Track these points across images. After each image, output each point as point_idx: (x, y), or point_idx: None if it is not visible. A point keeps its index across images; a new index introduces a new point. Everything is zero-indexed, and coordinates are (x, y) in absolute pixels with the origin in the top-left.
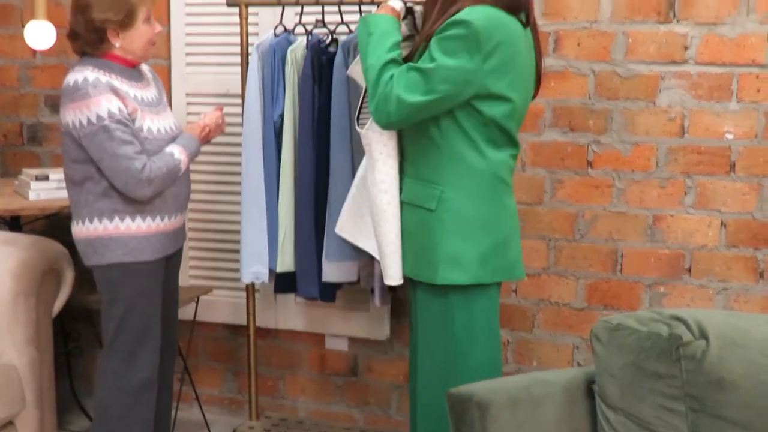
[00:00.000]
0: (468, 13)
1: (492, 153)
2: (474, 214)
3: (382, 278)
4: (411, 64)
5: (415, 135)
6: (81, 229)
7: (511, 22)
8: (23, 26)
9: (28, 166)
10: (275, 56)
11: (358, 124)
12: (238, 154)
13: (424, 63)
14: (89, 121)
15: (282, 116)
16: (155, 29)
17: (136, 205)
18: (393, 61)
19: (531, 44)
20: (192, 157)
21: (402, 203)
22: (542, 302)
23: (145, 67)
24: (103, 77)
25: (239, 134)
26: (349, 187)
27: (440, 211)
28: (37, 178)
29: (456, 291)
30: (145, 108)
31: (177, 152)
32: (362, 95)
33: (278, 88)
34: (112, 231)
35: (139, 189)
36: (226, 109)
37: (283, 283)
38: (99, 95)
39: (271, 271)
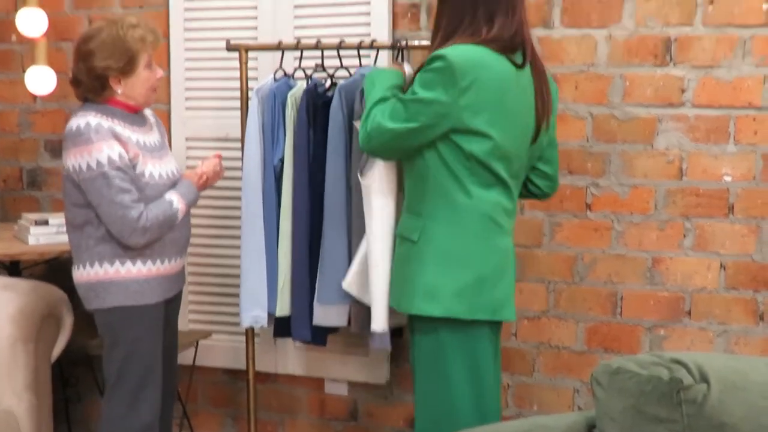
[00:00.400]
0: (449, 50)
1: (479, 192)
2: (454, 247)
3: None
4: (397, 95)
5: (407, 169)
6: (82, 274)
7: (496, 62)
8: (24, 71)
9: (28, 210)
10: (275, 100)
11: (361, 176)
12: (238, 198)
13: (406, 95)
14: (89, 166)
15: (282, 160)
16: (157, 75)
17: (136, 249)
18: (384, 99)
19: (529, 85)
20: (190, 205)
21: (396, 236)
22: (542, 345)
23: (147, 112)
24: (106, 122)
25: (239, 178)
26: (342, 231)
27: (421, 242)
28: (37, 223)
29: (446, 328)
30: (146, 153)
31: (176, 200)
32: None
33: (278, 133)
34: (113, 275)
35: (134, 237)
36: (225, 153)
37: (282, 327)
38: (101, 141)
39: (271, 315)
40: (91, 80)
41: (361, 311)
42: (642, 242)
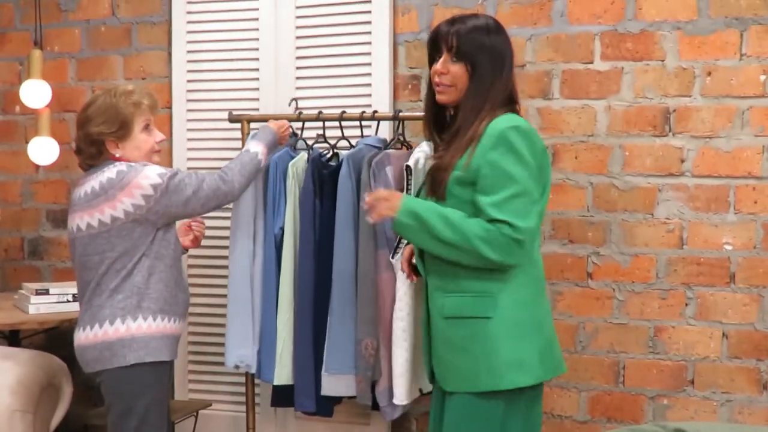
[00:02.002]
0: (511, 120)
1: (535, 255)
2: (527, 315)
3: (389, 395)
4: (494, 198)
5: None
6: (95, 333)
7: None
8: (27, 142)
9: (29, 280)
10: (277, 170)
11: (392, 257)
12: None
13: (505, 189)
14: (154, 186)
15: (282, 229)
16: (156, 138)
17: (158, 304)
18: (465, 218)
19: None
20: (270, 146)
21: (445, 319)
22: (544, 415)
23: None
24: (134, 163)
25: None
26: (351, 301)
27: (498, 317)
28: (38, 292)
29: (518, 396)
30: None
31: (252, 145)
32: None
33: (279, 202)
34: (135, 331)
35: (228, 186)
36: (227, 223)
37: (281, 396)
38: (144, 168)
39: (268, 383)
40: (88, 146)
41: (365, 382)
42: (644, 311)
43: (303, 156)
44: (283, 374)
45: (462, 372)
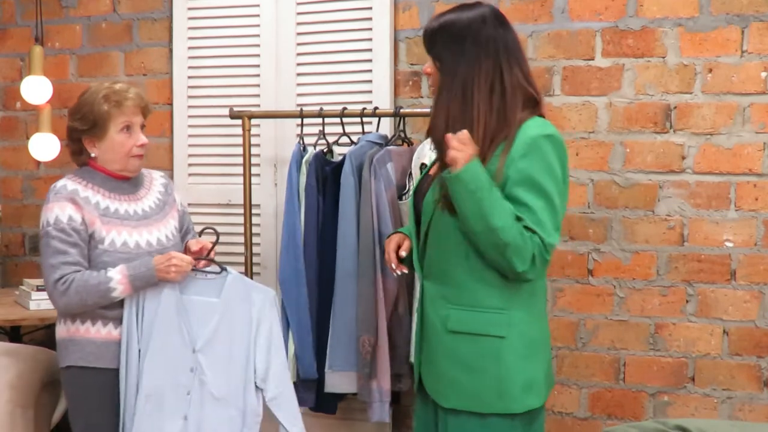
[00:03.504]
0: (543, 126)
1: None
2: (537, 333)
3: (379, 393)
4: (530, 206)
5: (468, 262)
6: (56, 330)
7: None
8: (28, 138)
9: (30, 276)
10: (294, 167)
11: (401, 199)
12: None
13: (537, 201)
14: (41, 225)
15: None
16: (137, 141)
17: (100, 310)
18: (517, 219)
19: None
20: (137, 285)
21: (451, 333)
22: (545, 412)
23: (155, 176)
24: (72, 185)
25: (240, 243)
26: (353, 299)
27: (511, 336)
28: (38, 289)
29: (521, 417)
30: (114, 221)
31: (117, 276)
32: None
33: (298, 197)
34: (73, 332)
35: (54, 299)
36: (227, 219)
37: None
38: (55, 202)
39: None
40: (69, 141)
41: (363, 378)
42: (644, 308)
43: (312, 152)
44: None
45: (468, 391)
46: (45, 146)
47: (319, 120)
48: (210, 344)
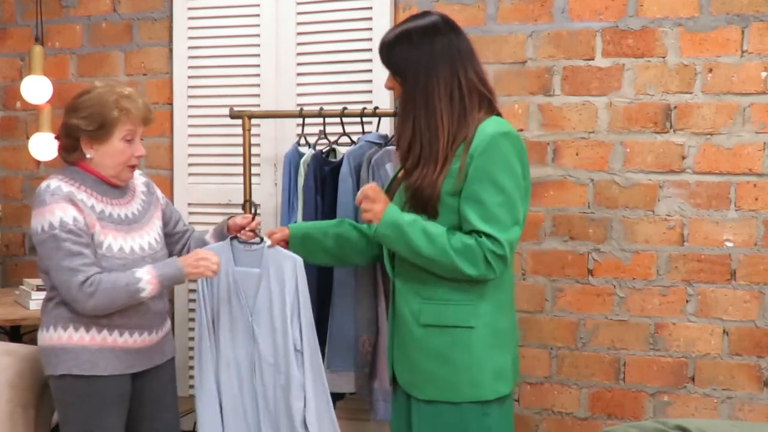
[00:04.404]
0: (499, 125)
1: (510, 259)
2: (505, 323)
3: (380, 393)
4: (479, 206)
5: None
6: (41, 337)
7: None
8: (28, 138)
9: (30, 276)
10: (290, 167)
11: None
12: None
13: (491, 198)
14: (42, 228)
15: None
16: (136, 152)
17: (92, 317)
18: (447, 233)
19: None
20: (166, 284)
21: (423, 327)
22: (545, 412)
23: (138, 181)
24: (66, 187)
25: None
26: (351, 298)
27: (480, 326)
28: (38, 288)
29: (498, 404)
30: (109, 225)
31: (146, 276)
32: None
33: (294, 199)
34: (66, 341)
35: (80, 303)
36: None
37: None
38: (54, 203)
39: None
40: (65, 137)
41: (363, 378)
42: (644, 308)
43: (311, 153)
44: None
45: (441, 381)
46: (45, 146)
47: (319, 120)
48: (258, 313)
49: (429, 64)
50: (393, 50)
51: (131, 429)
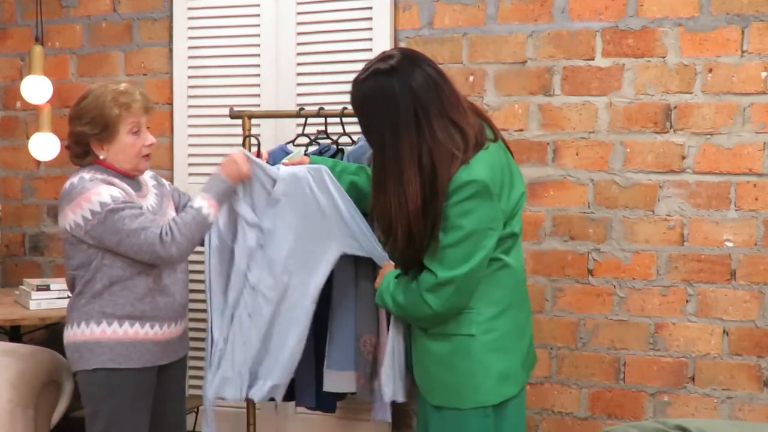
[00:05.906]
0: (469, 172)
1: (508, 259)
2: (509, 326)
3: (381, 393)
4: (440, 241)
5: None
6: (69, 334)
7: (494, 152)
8: (28, 138)
9: (30, 276)
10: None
11: None
12: None
13: (449, 235)
14: (92, 211)
15: None
16: (146, 141)
17: (125, 311)
18: (394, 279)
19: (505, 149)
20: (222, 199)
21: (426, 334)
22: (545, 411)
23: (147, 175)
24: (100, 176)
25: None
26: (351, 298)
27: (480, 333)
28: (38, 288)
29: (499, 406)
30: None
31: (204, 205)
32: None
33: None
34: (99, 335)
35: (165, 253)
36: None
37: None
38: (97, 186)
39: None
40: (74, 144)
41: (365, 378)
42: (644, 308)
43: (300, 152)
44: None
45: (447, 387)
46: (45, 146)
47: (318, 120)
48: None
49: (392, 127)
50: (357, 114)
51: None
